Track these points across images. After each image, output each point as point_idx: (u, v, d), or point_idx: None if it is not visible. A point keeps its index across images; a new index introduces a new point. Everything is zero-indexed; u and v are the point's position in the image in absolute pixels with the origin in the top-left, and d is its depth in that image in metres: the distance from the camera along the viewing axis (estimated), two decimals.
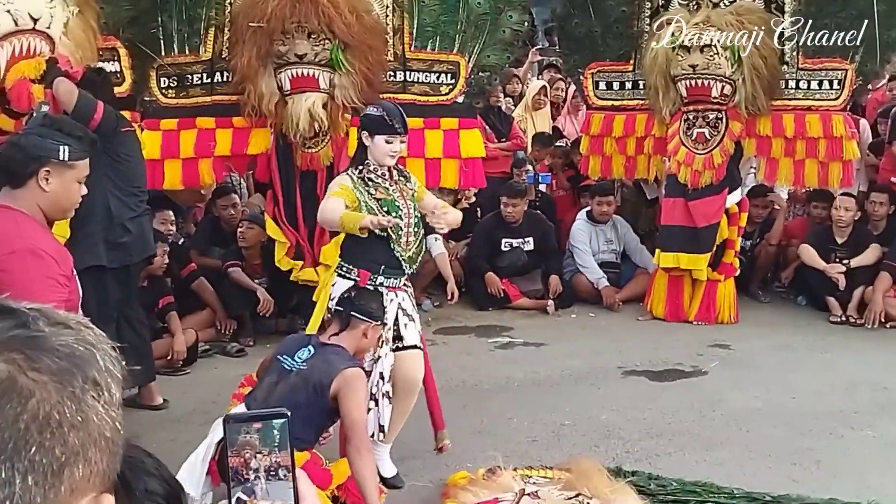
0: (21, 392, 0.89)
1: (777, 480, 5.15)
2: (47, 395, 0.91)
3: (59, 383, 0.92)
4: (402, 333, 5.00)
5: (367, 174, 4.92)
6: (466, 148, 7.31)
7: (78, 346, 0.96)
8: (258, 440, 1.26)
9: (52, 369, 0.92)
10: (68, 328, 0.97)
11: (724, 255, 8.34)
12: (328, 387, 4.23)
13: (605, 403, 6.39)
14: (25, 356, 0.92)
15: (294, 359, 4.41)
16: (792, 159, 8.14)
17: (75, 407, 0.92)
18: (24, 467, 0.88)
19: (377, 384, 4.88)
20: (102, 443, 0.95)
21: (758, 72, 7.88)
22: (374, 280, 4.90)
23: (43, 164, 3.42)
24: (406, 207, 4.96)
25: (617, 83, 8.78)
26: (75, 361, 0.94)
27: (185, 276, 7.73)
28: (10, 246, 3.32)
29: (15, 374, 0.90)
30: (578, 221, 9.28)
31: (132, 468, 1.50)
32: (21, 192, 3.44)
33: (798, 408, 6.29)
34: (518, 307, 8.85)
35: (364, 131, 4.95)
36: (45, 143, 3.48)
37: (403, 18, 7.24)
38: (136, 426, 5.70)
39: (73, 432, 0.92)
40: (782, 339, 7.88)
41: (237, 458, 1.27)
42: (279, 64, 6.88)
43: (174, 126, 7.13)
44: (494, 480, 4.53)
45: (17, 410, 0.89)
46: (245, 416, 1.28)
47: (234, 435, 1.27)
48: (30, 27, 5.68)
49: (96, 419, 0.94)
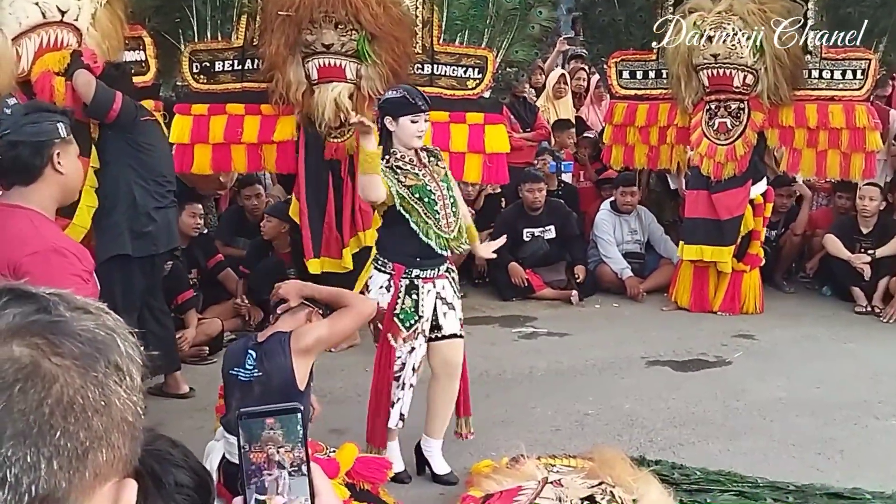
0: (45, 377, 0.90)
1: (801, 470, 5.16)
2: (70, 379, 0.91)
3: (81, 368, 0.92)
4: (440, 323, 5.00)
5: (394, 163, 4.87)
6: (491, 143, 7.30)
7: (99, 330, 0.96)
8: (282, 435, 1.26)
9: (74, 354, 0.92)
10: (88, 313, 0.97)
11: (749, 246, 8.32)
12: (291, 374, 4.15)
13: (629, 393, 6.41)
14: (48, 341, 0.92)
15: (245, 367, 4.26)
16: (814, 150, 8.09)
17: (98, 391, 0.93)
18: (49, 452, 0.88)
19: (407, 375, 4.92)
20: (125, 427, 0.95)
21: (780, 61, 7.84)
22: (409, 273, 4.88)
23: (52, 147, 3.35)
24: (439, 189, 4.92)
25: (640, 72, 8.76)
26: (97, 346, 0.94)
27: (210, 266, 7.80)
28: (31, 247, 3.26)
29: (38, 359, 0.90)
30: (602, 212, 9.28)
31: (160, 461, 1.51)
32: (35, 186, 3.35)
33: (822, 398, 6.29)
34: (542, 297, 8.86)
35: (387, 116, 4.91)
36: (44, 127, 3.38)
37: (433, 11, 7.23)
38: (163, 415, 5.76)
39: (96, 417, 0.92)
40: (806, 330, 7.87)
41: (260, 453, 1.27)
42: (307, 53, 6.90)
43: (205, 111, 7.16)
44: (518, 469, 4.55)
45: (42, 395, 0.89)
46: (258, 412, 1.29)
47: (257, 431, 1.27)
48: (57, 19, 5.70)
49: (118, 403, 0.94)
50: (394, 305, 4.89)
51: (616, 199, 9.22)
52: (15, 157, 3.32)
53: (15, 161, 3.33)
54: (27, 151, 3.32)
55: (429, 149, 5.15)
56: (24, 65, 5.63)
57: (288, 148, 7.26)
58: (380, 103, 5.13)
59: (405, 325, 4.90)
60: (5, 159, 3.34)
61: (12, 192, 3.41)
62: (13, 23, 5.53)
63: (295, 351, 4.16)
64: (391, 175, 4.82)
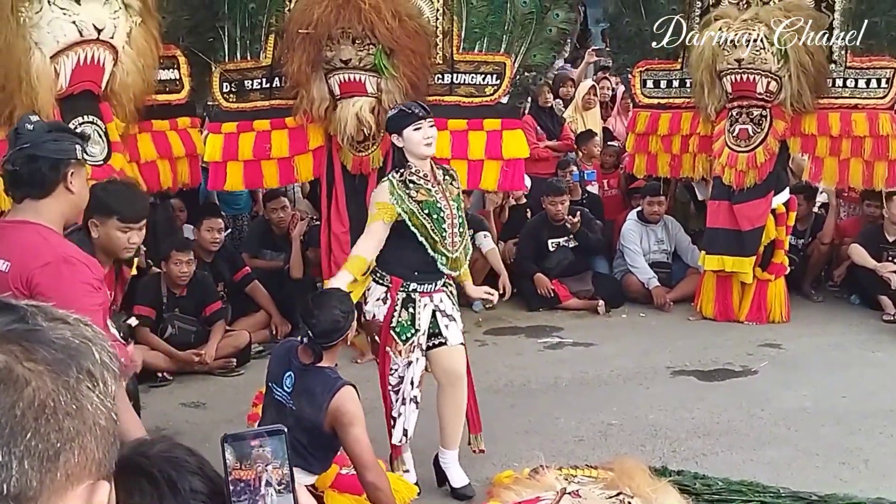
0: (17, 381, 0.93)
1: (825, 480, 5.14)
2: (42, 383, 0.94)
3: (54, 373, 0.96)
4: (444, 334, 5.01)
5: (407, 176, 4.90)
6: (509, 149, 7.31)
7: (74, 339, 1.00)
8: (270, 454, 1.31)
9: (47, 360, 0.96)
10: (66, 323, 1.02)
11: (773, 255, 8.29)
12: (322, 427, 4.16)
13: (654, 403, 6.40)
14: (23, 348, 0.96)
15: (283, 387, 4.29)
16: (837, 158, 8.03)
17: (70, 395, 0.96)
18: (20, 452, 0.91)
19: (406, 390, 4.92)
20: (97, 431, 0.99)
21: (804, 68, 7.79)
22: (406, 286, 4.91)
23: (68, 167, 3.43)
24: (449, 208, 4.94)
25: (664, 81, 8.75)
26: (70, 353, 0.98)
27: (237, 279, 7.87)
28: (42, 258, 3.32)
29: (12, 364, 0.94)
30: (629, 221, 9.27)
31: (176, 468, 1.56)
32: (46, 202, 3.43)
33: (848, 407, 6.25)
34: (568, 307, 8.86)
35: (393, 134, 4.96)
36: (63, 146, 3.47)
37: (453, 21, 7.29)
38: (189, 426, 5.84)
39: (67, 419, 0.95)
40: (833, 339, 7.82)
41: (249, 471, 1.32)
42: (329, 69, 6.98)
43: (234, 129, 7.25)
44: (538, 480, 4.56)
45: (14, 398, 0.92)
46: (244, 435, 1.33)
47: (247, 450, 1.31)
48: (94, 37, 5.80)
49: (91, 408, 0.98)
50: (390, 318, 4.92)
51: (643, 208, 9.22)
52: (33, 171, 3.40)
53: (32, 174, 3.41)
54: (45, 166, 3.40)
55: (446, 168, 5.20)
56: (63, 82, 5.73)
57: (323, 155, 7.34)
58: (385, 127, 5.20)
59: (401, 338, 4.92)
60: (23, 171, 3.42)
61: (23, 206, 3.48)
62: (51, 41, 5.64)
63: (331, 417, 4.15)
64: (402, 190, 4.85)
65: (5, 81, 5.47)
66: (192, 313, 7.24)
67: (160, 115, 6.83)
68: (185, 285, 7.16)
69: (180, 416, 6.22)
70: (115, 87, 6.07)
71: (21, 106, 5.45)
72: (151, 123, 6.76)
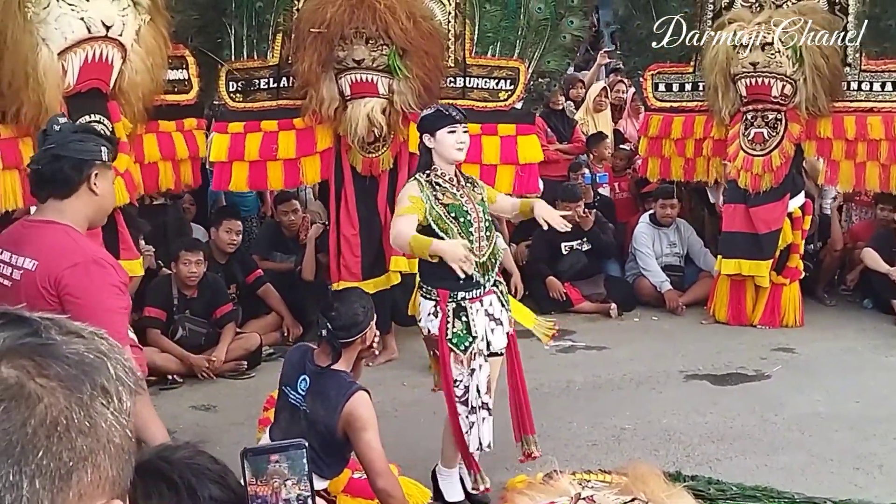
0: (29, 397, 0.91)
1: (839, 485, 5.11)
2: (55, 400, 0.92)
3: (67, 389, 0.94)
4: (488, 339, 4.94)
5: (434, 178, 4.82)
6: (524, 154, 7.31)
7: (88, 354, 0.98)
8: (287, 469, 1.29)
9: (60, 376, 0.94)
10: (80, 337, 0.99)
11: (788, 259, 8.25)
12: (335, 431, 4.14)
13: (667, 407, 6.37)
14: (35, 363, 0.94)
15: (297, 391, 4.28)
16: (853, 162, 7.99)
17: (83, 413, 0.94)
18: (31, 471, 0.89)
19: (473, 398, 4.84)
20: (111, 449, 0.96)
21: (819, 71, 7.75)
22: (454, 296, 4.80)
23: (92, 168, 3.44)
24: (475, 212, 4.87)
25: (676, 85, 8.70)
26: (84, 369, 0.96)
27: (250, 282, 7.86)
28: (71, 259, 3.33)
29: (24, 380, 0.92)
30: (641, 224, 9.24)
31: (197, 474, 1.55)
32: (70, 202, 3.44)
33: (862, 412, 6.22)
34: (580, 311, 8.83)
35: (425, 134, 4.88)
36: (88, 146, 3.48)
37: (465, 24, 7.26)
38: (200, 429, 5.82)
39: (80, 437, 0.93)
40: (847, 343, 7.78)
41: (265, 486, 1.30)
42: (339, 69, 6.95)
43: (241, 129, 7.22)
44: (552, 484, 4.53)
45: (25, 415, 0.90)
46: (264, 449, 1.32)
47: (263, 465, 1.30)
48: (102, 34, 5.75)
49: (105, 425, 0.96)
50: (444, 330, 4.82)
51: (656, 211, 9.18)
52: (56, 170, 3.41)
53: (55, 174, 3.42)
54: (68, 166, 3.42)
55: (467, 176, 5.11)
56: (70, 80, 5.70)
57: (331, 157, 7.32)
58: (418, 126, 5.09)
59: (459, 348, 4.82)
60: (46, 171, 3.43)
61: (47, 206, 3.49)
62: (59, 38, 5.58)
63: (344, 422, 4.13)
64: (429, 191, 4.77)
65: (12, 78, 5.42)
66: (203, 315, 7.23)
67: (168, 115, 6.78)
68: (196, 287, 7.15)
69: (190, 419, 6.21)
70: (123, 86, 6.01)
71: (28, 103, 5.43)
72: (158, 124, 6.71)
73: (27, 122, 5.49)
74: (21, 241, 3.46)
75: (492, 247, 4.96)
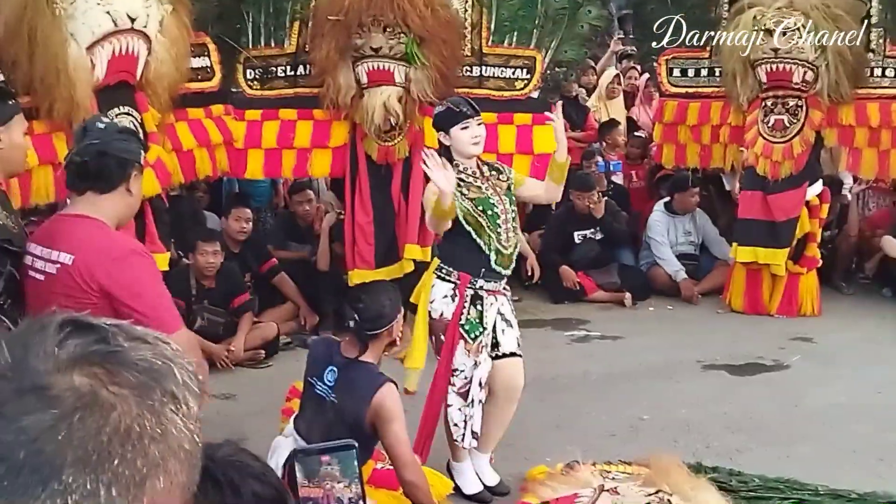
0: (103, 406, 0.91)
1: (862, 477, 5.06)
2: (128, 408, 0.93)
3: (138, 397, 0.94)
4: (499, 340, 4.92)
5: (456, 175, 4.74)
6: (539, 144, 7.24)
7: (156, 360, 0.98)
8: (339, 471, 1.27)
9: (131, 383, 0.94)
10: (146, 343, 0.99)
11: (805, 248, 8.19)
12: (363, 422, 4.13)
13: (684, 398, 6.34)
14: (106, 370, 0.94)
15: (324, 381, 4.28)
16: (876, 149, 7.90)
17: (155, 420, 0.94)
18: (107, 479, 0.90)
19: (475, 391, 4.82)
20: (182, 455, 0.97)
21: (842, 58, 7.65)
22: (474, 283, 4.79)
23: (133, 168, 3.48)
24: (501, 203, 4.84)
25: (692, 70, 8.61)
26: (154, 375, 0.96)
27: (264, 271, 7.84)
28: (109, 254, 3.35)
29: (97, 389, 0.92)
30: (656, 213, 9.17)
31: (239, 471, 1.55)
32: (108, 197, 3.45)
33: (883, 403, 6.18)
34: (594, 300, 8.79)
35: (440, 132, 4.86)
36: (132, 147, 3.53)
37: (482, 13, 7.21)
38: (220, 419, 5.80)
39: (153, 444, 0.93)
40: (866, 332, 7.74)
41: (317, 489, 1.28)
42: (357, 57, 6.92)
43: (258, 117, 7.21)
44: (573, 475, 4.51)
45: (100, 423, 0.91)
46: (315, 450, 1.30)
47: (314, 467, 1.28)
48: (128, 27, 5.75)
49: (175, 431, 0.96)
50: (459, 315, 4.80)
51: (676, 199, 9.07)
52: (102, 165, 3.44)
53: (101, 169, 3.44)
54: (114, 163, 3.45)
55: (490, 163, 5.09)
56: (99, 73, 5.69)
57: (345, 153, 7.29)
58: (433, 124, 5.07)
59: (471, 336, 4.81)
60: (92, 165, 3.45)
61: (83, 199, 3.49)
62: (86, 32, 5.58)
63: (372, 413, 4.12)
64: (455, 188, 4.70)
65: (44, 75, 5.41)
66: (221, 305, 7.21)
67: (194, 103, 6.76)
68: (214, 276, 7.13)
69: (211, 408, 6.16)
70: (149, 77, 6.01)
71: (60, 99, 5.42)
72: (187, 112, 6.71)
73: (60, 118, 5.49)
74: (55, 236, 3.46)
75: (517, 238, 4.96)
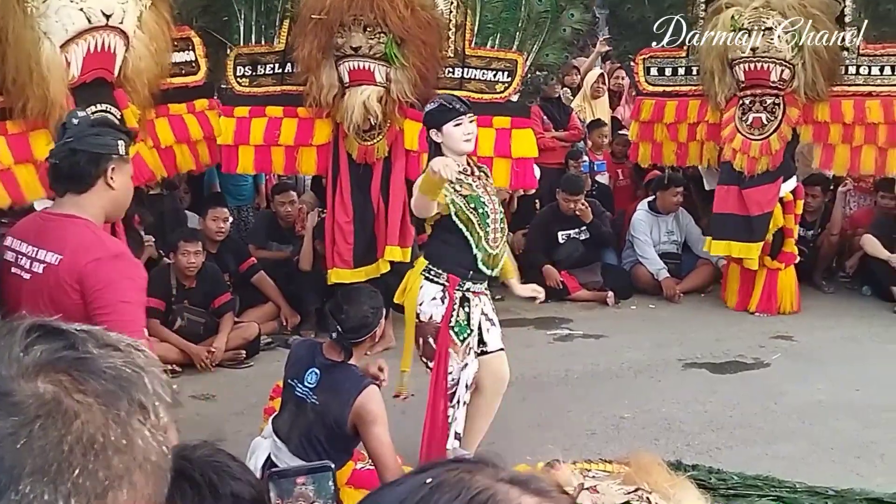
0: (66, 414, 0.88)
1: (841, 474, 5.10)
2: (92, 417, 0.90)
3: (104, 406, 0.91)
4: (484, 338, 4.95)
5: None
6: (518, 148, 7.21)
7: (126, 368, 0.95)
8: (313, 492, 1.28)
9: (97, 391, 0.91)
10: (118, 350, 0.96)
11: (783, 244, 8.23)
12: (344, 424, 4.14)
13: (666, 396, 6.36)
14: (72, 378, 0.91)
15: (304, 384, 4.27)
16: (849, 146, 7.94)
17: (120, 430, 0.91)
18: (66, 489, 0.87)
19: (461, 392, 4.83)
20: (148, 467, 0.94)
21: (818, 56, 7.69)
22: (462, 285, 4.80)
23: (108, 162, 3.42)
24: (491, 203, 4.86)
25: (669, 69, 8.62)
26: (121, 384, 0.93)
27: (242, 270, 7.82)
28: (93, 254, 3.32)
29: (60, 396, 0.89)
30: (639, 212, 9.19)
31: (218, 472, 1.55)
32: (87, 196, 3.42)
33: (863, 400, 6.21)
34: (577, 299, 8.80)
35: (432, 129, 4.83)
36: (105, 140, 3.46)
37: (466, 15, 7.19)
38: (199, 419, 5.79)
39: (117, 455, 0.90)
40: (846, 331, 7.78)
41: None
42: (339, 56, 6.92)
43: (246, 113, 7.22)
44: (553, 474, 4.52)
45: (62, 432, 0.88)
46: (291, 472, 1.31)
47: (289, 486, 1.29)
48: (103, 24, 5.71)
49: (142, 443, 0.93)
50: (449, 318, 4.81)
51: (659, 199, 9.10)
52: (73, 164, 3.40)
53: (72, 168, 3.40)
54: (84, 160, 3.40)
55: (478, 164, 5.10)
56: (74, 71, 5.66)
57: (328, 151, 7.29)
58: (423, 121, 5.04)
59: (459, 338, 4.82)
60: (63, 165, 3.42)
61: (65, 201, 3.47)
62: (60, 30, 5.55)
63: (355, 415, 4.13)
64: (447, 184, 4.68)
65: (16, 74, 5.39)
66: (202, 305, 7.20)
67: (177, 98, 6.77)
68: (195, 276, 7.12)
69: (191, 409, 6.16)
70: (128, 73, 5.99)
71: (34, 98, 5.40)
72: (168, 108, 6.70)
73: (34, 117, 5.47)
74: (42, 234, 3.44)
75: (504, 238, 4.98)
